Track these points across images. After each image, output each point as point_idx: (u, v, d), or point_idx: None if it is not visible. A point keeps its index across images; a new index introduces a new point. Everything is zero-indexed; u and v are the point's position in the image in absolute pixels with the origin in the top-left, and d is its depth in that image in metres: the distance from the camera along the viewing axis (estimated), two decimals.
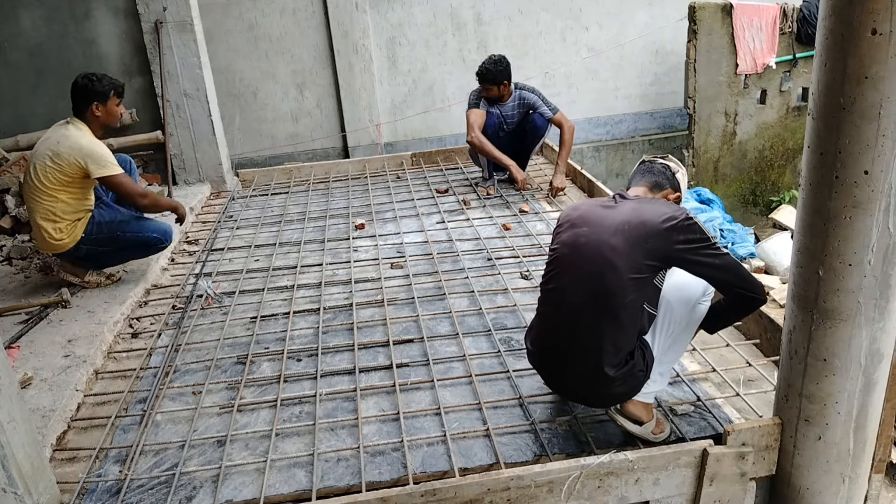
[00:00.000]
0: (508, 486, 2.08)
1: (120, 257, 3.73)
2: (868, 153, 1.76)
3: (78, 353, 2.98)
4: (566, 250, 2.21)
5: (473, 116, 4.76)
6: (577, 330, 2.13)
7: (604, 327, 2.09)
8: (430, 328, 3.14)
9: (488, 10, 6.80)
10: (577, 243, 2.17)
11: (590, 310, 2.10)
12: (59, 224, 3.47)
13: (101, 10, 5.48)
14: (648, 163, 2.39)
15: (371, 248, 4.15)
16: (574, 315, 2.14)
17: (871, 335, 1.96)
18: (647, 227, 2.07)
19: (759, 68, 6.36)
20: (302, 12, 6.49)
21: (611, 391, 2.17)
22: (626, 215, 2.13)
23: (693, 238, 2.06)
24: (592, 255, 2.11)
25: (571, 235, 2.21)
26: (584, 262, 2.13)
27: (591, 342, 2.11)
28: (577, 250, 2.17)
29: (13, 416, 1.95)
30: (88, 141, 3.43)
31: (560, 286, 2.20)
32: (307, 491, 2.17)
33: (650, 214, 2.11)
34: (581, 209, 2.29)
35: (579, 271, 2.14)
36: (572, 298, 2.15)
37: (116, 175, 3.45)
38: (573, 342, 2.15)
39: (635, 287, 2.07)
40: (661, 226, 2.06)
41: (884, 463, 2.45)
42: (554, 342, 2.23)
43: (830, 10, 1.75)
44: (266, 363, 2.94)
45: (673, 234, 2.06)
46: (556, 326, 2.21)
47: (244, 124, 6.73)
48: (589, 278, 2.11)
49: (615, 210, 2.18)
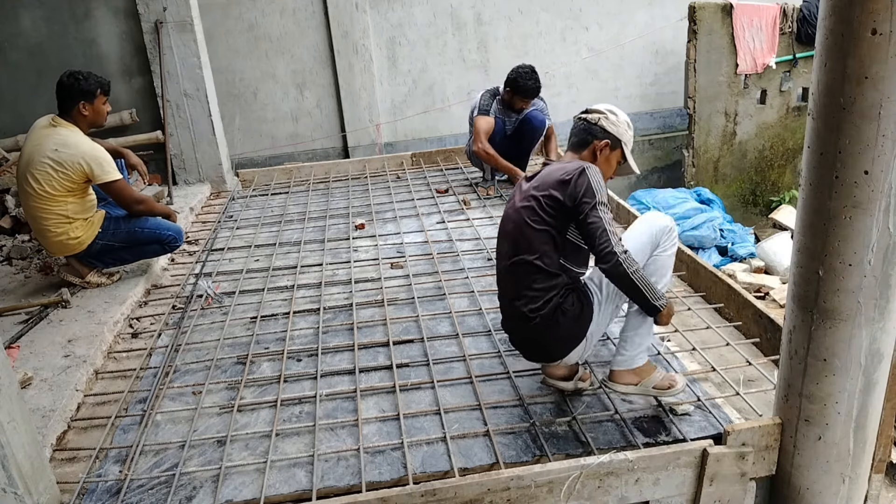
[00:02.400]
0: (508, 486, 2.08)
1: (133, 254, 3.73)
2: (868, 153, 1.76)
3: (78, 353, 2.98)
4: (500, 228, 2.48)
5: (483, 124, 4.70)
6: (509, 289, 2.38)
7: (522, 278, 2.30)
8: (430, 328, 3.14)
9: (488, 10, 6.80)
10: (505, 216, 2.45)
11: (513, 268, 2.33)
12: (74, 223, 3.47)
13: (101, 10, 5.49)
14: (574, 125, 2.46)
15: (371, 248, 4.15)
16: (504, 273, 2.40)
17: (871, 335, 1.96)
18: (547, 183, 2.27)
19: (759, 68, 6.36)
20: (302, 12, 6.49)
21: (551, 333, 2.31)
22: (542, 178, 2.34)
23: (580, 191, 2.19)
24: (509, 221, 2.37)
25: (505, 209, 2.47)
26: (505, 231, 2.40)
27: (519, 294, 2.31)
28: (504, 222, 2.44)
29: (13, 416, 1.95)
30: (90, 145, 3.41)
31: (498, 252, 2.46)
32: (307, 491, 2.17)
33: (554, 172, 2.30)
34: (516, 186, 2.51)
35: (505, 235, 2.40)
36: (504, 264, 2.39)
37: (118, 181, 3.46)
38: (509, 302, 2.37)
39: (540, 238, 2.26)
40: (557, 181, 2.25)
41: (884, 463, 2.45)
42: (504, 309, 2.47)
43: (830, 10, 1.75)
44: (266, 363, 2.94)
45: (564, 187, 2.22)
46: (501, 295, 2.47)
47: (244, 124, 6.73)
48: (509, 238, 2.36)
49: (534, 178, 2.38)
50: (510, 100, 4.67)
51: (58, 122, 3.43)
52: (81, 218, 3.49)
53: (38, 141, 3.38)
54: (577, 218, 2.22)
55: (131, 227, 3.63)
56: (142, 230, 3.65)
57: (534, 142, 4.86)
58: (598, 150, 2.37)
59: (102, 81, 3.52)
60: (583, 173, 2.21)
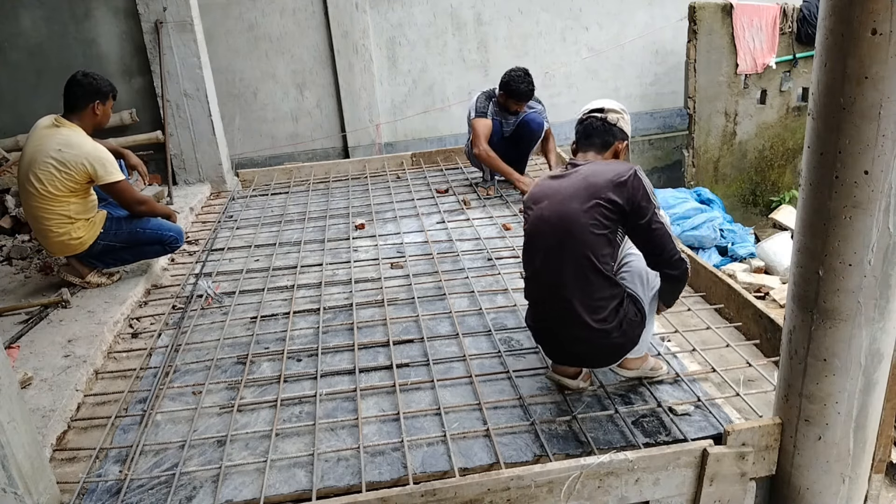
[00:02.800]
0: (508, 486, 2.08)
1: (134, 255, 3.74)
2: (868, 153, 1.76)
3: (78, 353, 2.98)
4: (533, 228, 2.37)
5: (481, 127, 4.70)
6: (563, 294, 2.26)
7: (584, 285, 2.23)
8: (430, 328, 3.13)
9: (488, 10, 6.80)
10: (541, 217, 2.33)
11: (569, 272, 2.24)
12: (76, 224, 3.47)
13: (101, 10, 5.49)
14: (587, 123, 2.41)
15: (371, 248, 4.15)
16: (556, 282, 2.27)
17: (871, 335, 1.96)
18: (598, 185, 2.20)
19: (759, 68, 6.36)
20: (302, 12, 6.49)
21: (611, 342, 2.30)
22: (579, 180, 2.26)
23: (638, 196, 2.18)
24: (557, 223, 2.26)
25: (535, 212, 2.36)
26: (551, 232, 2.28)
27: (577, 302, 2.24)
28: (542, 223, 2.32)
29: (13, 416, 1.95)
30: (93, 146, 3.41)
31: (537, 260, 2.34)
32: (307, 491, 2.17)
33: (602, 173, 2.23)
34: (538, 186, 2.43)
35: (549, 241, 2.28)
36: (552, 267, 2.28)
37: (120, 181, 3.46)
38: (563, 308, 2.27)
39: (600, 243, 2.21)
40: (620, 185, 2.18)
41: (884, 463, 2.45)
42: (546, 312, 2.38)
43: (830, 10, 1.75)
44: (266, 363, 2.94)
45: (621, 189, 2.18)
46: (546, 298, 2.37)
47: (244, 124, 6.72)
48: (559, 245, 2.25)
49: (568, 179, 2.31)
50: (504, 103, 4.68)
51: (61, 123, 3.43)
52: (83, 218, 3.49)
53: (41, 141, 3.37)
54: (635, 222, 2.21)
55: (133, 228, 3.63)
56: (143, 231, 3.66)
57: (532, 144, 4.86)
58: (619, 152, 2.40)
59: (113, 85, 3.59)
60: (636, 176, 2.19)
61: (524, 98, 4.60)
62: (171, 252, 3.96)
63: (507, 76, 4.59)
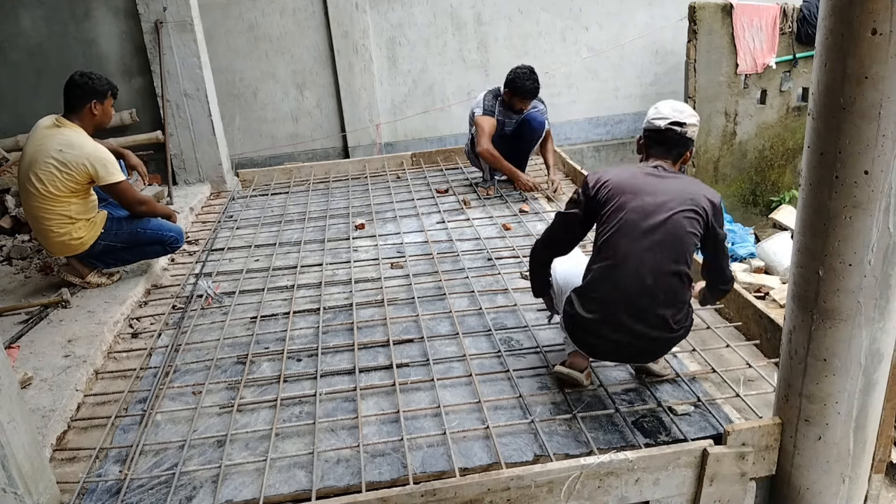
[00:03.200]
0: (508, 486, 2.08)
1: (135, 255, 3.74)
2: (868, 153, 1.76)
3: (78, 353, 2.98)
4: (634, 216, 2.31)
5: (487, 126, 4.69)
6: (652, 288, 2.29)
7: (678, 287, 2.33)
8: (430, 328, 3.13)
9: (488, 10, 6.80)
10: (644, 210, 2.31)
11: (664, 270, 2.29)
12: (77, 224, 3.47)
13: (101, 10, 5.49)
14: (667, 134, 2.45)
15: (371, 248, 4.15)
16: (648, 276, 2.29)
17: (871, 335, 1.96)
18: (702, 203, 2.33)
19: (759, 68, 6.36)
20: (302, 12, 6.49)
21: (673, 341, 2.43)
22: (679, 187, 2.36)
23: (721, 221, 2.39)
24: (662, 220, 2.29)
25: (634, 203, 2.32)
26: (653, 227, 2.29)
27: (669, 300, 2.32)
28: (643, 216, 2.30)
29: (13, 416, 1.95)
30: (94, 146, 3.41)
31: (634, 251, 2.30)
32: (307, 491, 2.17)
33: (704, 192, 2.37)
34: (624, 175, 2.41)
35: (651, 234, 2.29)
36: (648, 259, 2.28)
37: (121, 182, 3.46)
38: (648, 300, 2.30)
39: (692, 250, 2.35)
40: (712, 205, 2.35)
41: (884, 463, 2.45)
42: (630, 302, 2.32)
43: (830, 10, 1.75)
44: (266, 363, 2.94)
45: (717, 214, 2.37)
46: (635, 290, 2.31)
47: (244, 124, 6.73)
48: (660, 241, 2.28)
49: (664, 181, 2.37)
50: (509, 101, 4.67)
51: (62, 123, 3.42)
52: (84, 218, 3.49)
53: (42, 141, 3.37)
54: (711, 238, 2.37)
55: (133, 228, 3.63)
56: (144, 231, 3.66)
57: (533, 143, 4.86)
58: (685, 159, 2.52)
59: (112, 84, 3.57)
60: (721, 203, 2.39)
61: (529, 96, 4.60)
62: (172, 252, 3.97)
63: (512, 73, 4.59)
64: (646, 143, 2.53)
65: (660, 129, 2.46)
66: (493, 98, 4.75)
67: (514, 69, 4.60)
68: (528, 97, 4.61)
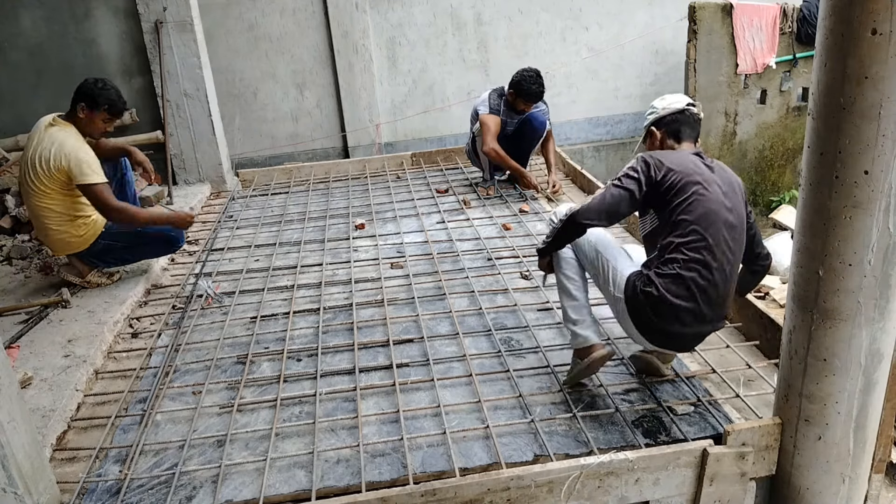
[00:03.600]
0: (508, 486, 2.08)
1: (135, 255, 3.73)
2: (868, 153, 1.76)
3: (78, 353, 2.98)
4: (714, 206, 2.32)
5: (492, 125, 4.70)
6: (731, 276, 2.37)
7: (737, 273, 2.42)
8: (430, 328, 3.13)
9: (488, 10, 6.80)
10: (717, 199, 2.34)
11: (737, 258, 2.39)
12: (76, 221, 3.47)
13: (101, 10, 5.48)
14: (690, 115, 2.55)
15: (371, 248, 4.15)
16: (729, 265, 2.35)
17: (871, 335, 1.96)
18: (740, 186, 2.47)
19: (759, 68, 6.36)
20: (302, 12, 6.49)
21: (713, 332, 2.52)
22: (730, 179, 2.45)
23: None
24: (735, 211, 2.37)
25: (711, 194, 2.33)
26: (732, 218, 2.35)
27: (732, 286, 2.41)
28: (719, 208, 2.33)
29: (13, 416, 1.95)
30: (74, 145, 3.35)
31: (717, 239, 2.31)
32: (307, 491, 2.17)
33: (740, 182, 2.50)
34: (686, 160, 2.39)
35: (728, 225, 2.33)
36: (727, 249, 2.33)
37: (97, 185, 3.35)
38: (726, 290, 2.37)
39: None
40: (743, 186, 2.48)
41: (884, 463, 2.45)
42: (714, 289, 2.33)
43: (830, 10, 1.75)
44: (266, 363, 2.94)
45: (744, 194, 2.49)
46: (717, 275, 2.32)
47: (244, 124, 6.72)
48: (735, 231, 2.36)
49: (717, 172, 2.42)
50: (513, 101, 4.68)
51: (56, 122, 3.43)
52: (84, 216, 3.49)
53: (38, 139, 3.38)
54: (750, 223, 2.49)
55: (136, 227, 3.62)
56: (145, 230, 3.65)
57: (535, 142, 4.87)
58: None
59: (114, 100, 3.45)
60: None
61: (534, 99, 4.61)
62: (173, 251, 3.95)
63: (518, 75, 4.60)
64: (665, 133, 2.54)
65: (682, 111, 2.51)
66: (499, 97, 4.75)
67: (520, 71, 4.61)
68: (532, 100, 4.62)
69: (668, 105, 2.54)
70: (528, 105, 4.66)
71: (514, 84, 4.61)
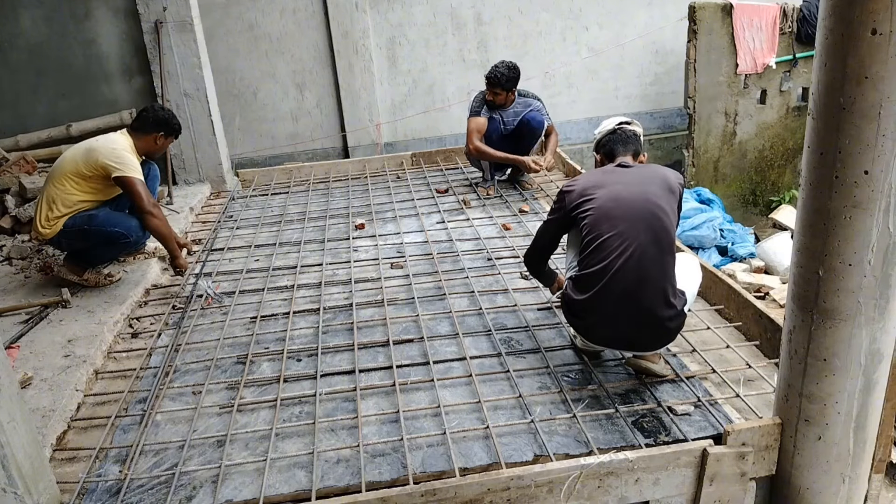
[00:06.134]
0: (508, 486, 2.08)
1: (95, 254, 3.70)
2: (868, 153, 1.76)
3: (78, 353, 2.98)
4: (611, 203, 2.46)
5: (473, 125, 4.76)
6: (647, 268, 2.38)
7: (666, 263, 2.42)
8: (430, 328, 3.13)
9: (488, 10, 6.80)
10: (619, 196, 2.46)
11: (654, 249, 2.39)
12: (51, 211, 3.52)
13: (101, 10, 5.48)
14: (621, 132, 2.74)
15: (371, 248, 4.15)
16: (641, 255, 2.37)
17: (871, 335, 1.96)
18: (670, 180, 2.53)
19: (759, 68, 6.36)
20: (302, 12, 6.49)
21: (668, 327, 2.45)
22: (647, 171, 2.56)
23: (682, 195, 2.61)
24: (641, 201, 2.43)
25: (608, 192, 2.48)
26: (634, 207, 2.42)
27: (660, 277, 2.40)
28: (622, 201, 2.45)
29: (13, 416, 1.95)
30: (122, 144, 3.56)
31: (617, 233, 2.41)
32: (307, 491, 2.17)
33: (667, 173, 2.58)
34: (597, 176, 2.61)
35: (633, 216, 2.41)
36: (634, 240, 2.38)
37: (133, 177, 3.49)
38: (643, 281, 2.38)
39: (673, 227, 2.46)
40: (677, 180, 2.55)
41: (884, 463, 2.45)
42: (621, 286, 2.40)
43: (830, 10, 1.75)
44: (266, 363, 2.94)
45: (681, 192, 2.57)
46: (623, 270, 2.39)
47: (244, 124, 6.73)
48: (644, 220, 2.40)
49: (630, 171, 2.57)
50: (491, 98, 4.71)
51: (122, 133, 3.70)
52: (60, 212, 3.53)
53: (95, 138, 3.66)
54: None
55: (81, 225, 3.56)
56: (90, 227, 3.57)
57: (533, 141, 4.89)
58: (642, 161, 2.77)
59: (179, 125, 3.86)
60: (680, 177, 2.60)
61: (497, 84, 4.62)
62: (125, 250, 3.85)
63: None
64: (602, 155, 2.79)
65: (612, 131, 2.76)
66: (481, 99, 4.81)
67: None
68: (496, 87, 4.63)
69: (601, 129, 2.80)
70: (497, 95, 4.66)
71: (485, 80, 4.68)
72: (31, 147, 5.36)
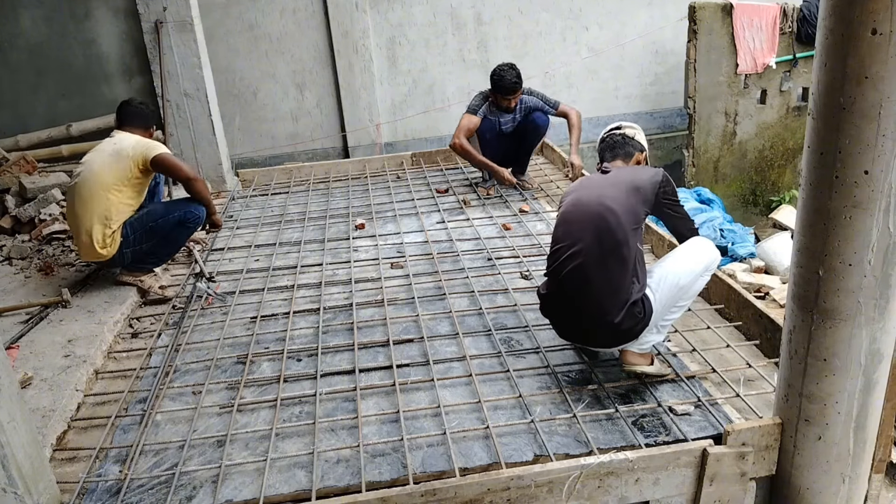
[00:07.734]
0: (508, 486, 2.08)
1: (165, 247, 3.74)
2: (868, 153, 1.76)
3: (78, 353, 2.98)
4: (569, 208, 2.58)
5: (465, 121, 4.73)
6: (588, 269, 2.43)
7: (610, 264, 2.42)
8: (430, 328, 3.13)
9: (488, 10, 6.80)
10: (578, 201, 2.56)
11: (597, 250, 2.42)
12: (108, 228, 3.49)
13: (101, 10, 5.49)
14: (610, 139, 2.82)
15: (371, 248, 4.15)
16: (584, 257, 2.44)
17: (871, 335, 1.96)
18: (638, 180, 2.54)
19: (759, 68, 6.36)
20: (302, 12, 6.49)
21: (619, 327, 2.43)
22: (622, 175, 2.59)
23: (669, 191, 2.60)
24: (594, 205, 2.49)
25: (572, 199, 2.61)
26: (586, 211, 2.50)
27: (601, 279, 2.42)
28: (578, 206, 2.55)
29: (13, 416, 1.95)
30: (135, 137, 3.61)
31: (568, 237, 2.51)
32: (307, 491, 2.17)
33: (639, 173, 2.60)
34: (578, 182, 2.77)
35: (583, 219, 2.49)
36: (580, 242, 2.45)
37: (166, 152, 3.59)
38: (585, 282, 2.44)
39: (631, 228, 2.44)
40: (650, 179, 2.55)
41: (884, 463, 2.45)
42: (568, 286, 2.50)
43: (830, 10, 1.75)
44: (266, 363, 2.94)
45: (658, 186, 2.55)
46: (570, 271, 2.47)
47: (244, 124, 6.73)
48: (592, 223, 2.45)
49: (606, 176, 2.63)
50: (496, 100, 4.69)
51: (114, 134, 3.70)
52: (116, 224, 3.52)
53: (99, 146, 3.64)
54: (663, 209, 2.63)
55: (145, 224, 3.60)
56: (156, 222, 3.63)
57: (536, 141, 4.90)
58: (640, 162, 2.80)
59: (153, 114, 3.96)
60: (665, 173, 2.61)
61: (509, 91, 4.58)
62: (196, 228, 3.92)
63: (493, 72, 4.61)
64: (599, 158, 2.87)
65: (603, 139, 2.84)
66: (483, 99, 4.76)
67: (494, 68, 4.61)
68: (509, 93, 4.59)
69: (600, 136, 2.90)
70: (509, 100, 4.63)
71: (492, 82, 4.63)
72: (32, 147, 5.37)
